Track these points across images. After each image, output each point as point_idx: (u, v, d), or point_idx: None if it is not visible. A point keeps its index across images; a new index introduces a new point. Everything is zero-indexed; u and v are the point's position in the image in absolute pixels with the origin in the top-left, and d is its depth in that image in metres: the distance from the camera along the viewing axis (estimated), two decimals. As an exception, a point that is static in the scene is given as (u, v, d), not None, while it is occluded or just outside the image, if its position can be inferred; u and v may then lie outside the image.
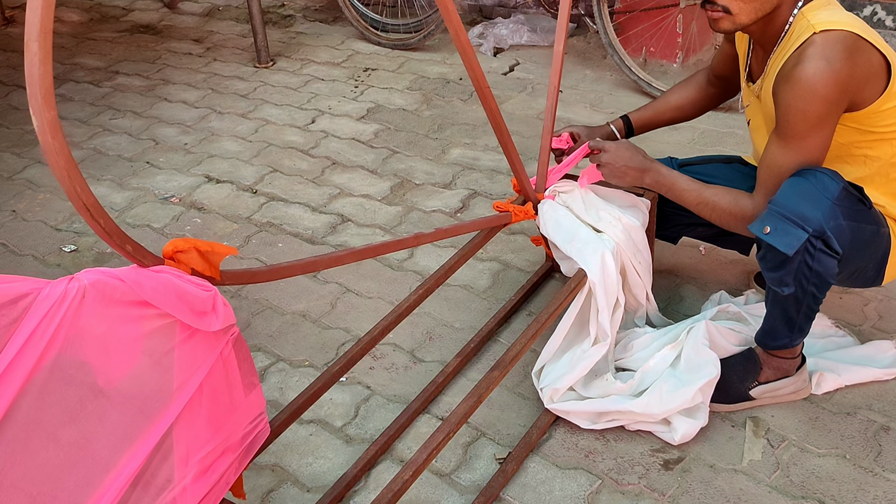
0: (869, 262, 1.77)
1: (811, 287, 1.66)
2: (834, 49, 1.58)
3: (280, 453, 1.86)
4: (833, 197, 1.60)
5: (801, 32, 1.64)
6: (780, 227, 1.61)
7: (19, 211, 2.94)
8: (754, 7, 1.66)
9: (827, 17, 1.62)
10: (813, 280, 1.65)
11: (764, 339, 1.82)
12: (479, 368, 2.07)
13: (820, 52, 1.58)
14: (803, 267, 1.63)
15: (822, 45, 1.59)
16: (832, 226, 1.60)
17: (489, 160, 3.06)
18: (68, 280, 1.08)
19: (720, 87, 2.15)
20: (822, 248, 1.61)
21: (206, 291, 1.20)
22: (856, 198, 1.68)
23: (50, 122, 0.98)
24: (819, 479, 1.72)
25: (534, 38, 4.06)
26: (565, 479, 1.76)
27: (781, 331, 1.77)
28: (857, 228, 1.66)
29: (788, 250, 1.60)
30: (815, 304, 1.71)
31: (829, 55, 1.57)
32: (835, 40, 1.58)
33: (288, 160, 3.17)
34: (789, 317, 1.73)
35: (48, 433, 1.10)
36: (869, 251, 1.74)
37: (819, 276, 1.64)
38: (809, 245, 1.60)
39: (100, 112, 3.70)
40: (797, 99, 1.61)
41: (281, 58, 4.15)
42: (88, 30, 4.77)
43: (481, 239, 2.00)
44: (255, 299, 2.38)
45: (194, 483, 1.24)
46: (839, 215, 1.61)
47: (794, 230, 1.59)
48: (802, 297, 1.69)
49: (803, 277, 1.65)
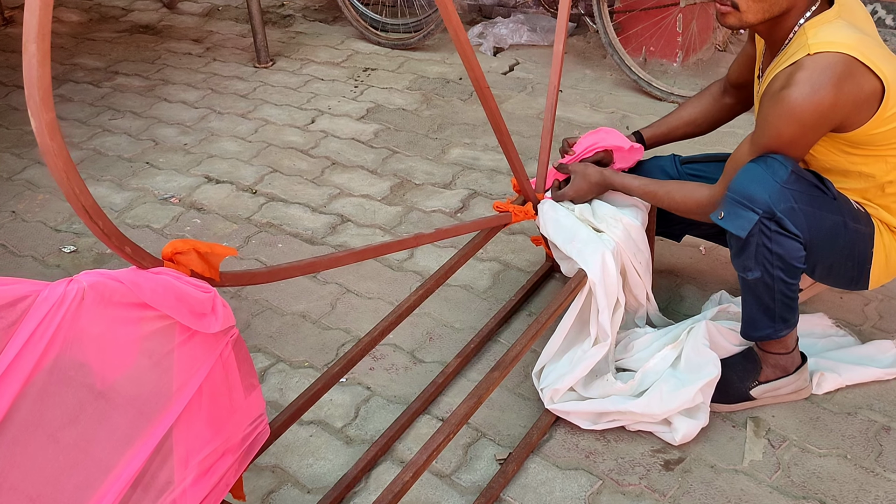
0: (844, 258, 1.77)
1: (777, 271, 1.69)
2: (822, 76, 1.57)
3: (280, 454, 1.86)
4: (782, 180, 1.64)
5: (798, 49, 1.64)
6: (732, 210, 1.68)
7: (19, 212, 2.93)
8: (762, 7, 1.65)
9: (826, 35, 1.61)
10: (777, 263, 1.68)
11: (746, 329, 1.84)
12: (480, 369, 2.07)
13: (807, 76, 1.58)
14: (763, 250, 1.67)
15: (810, 70, 1.58)
16: (783, 208, 1.63)
17: (489, 160, 3.06)
18: (67, 282, 1.08)
19: (737, 97, 2.10)
20: (777, 230, 1.65)
21: (206, 293, 1.20)
22: (809, 183, 1.70)
23: (48, 124, 0.97)
24: (820, 480, 1.71)
25: (533, 37, 4.06)
26: (566, 479, 1.75)
27: (761, 320, 1.78)
28: (815, 214, 1.67)
29: (741, 232, 1.66)
30: (790, 291, 1.72)
31: (815, 81, 1.57)
32: (824, 66, 1.57)
33: (287, 160, 3.17)
34: (765, 305, 1.75)
35: (48, 435, 1.09)
36: (839, 244, 1.74)
37: (782, 260, 1.67)
38: (763, 227, 1.65)
39: (99, 112, 3.70)
40: (775, 118, 1.64)
41: (280, 58, 4.15)
42: (88, 30, 4.77)
43: (481, 239, 2.00)
44: (254, 300, 2.38)
45: (194, 485, 1.24)
46: (790, 198, 1.64)
47: (744, 213, 1.65)
48: (772, 283, 1.71)
49: (765, 261, 1.68)
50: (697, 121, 2.15)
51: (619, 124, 3.26)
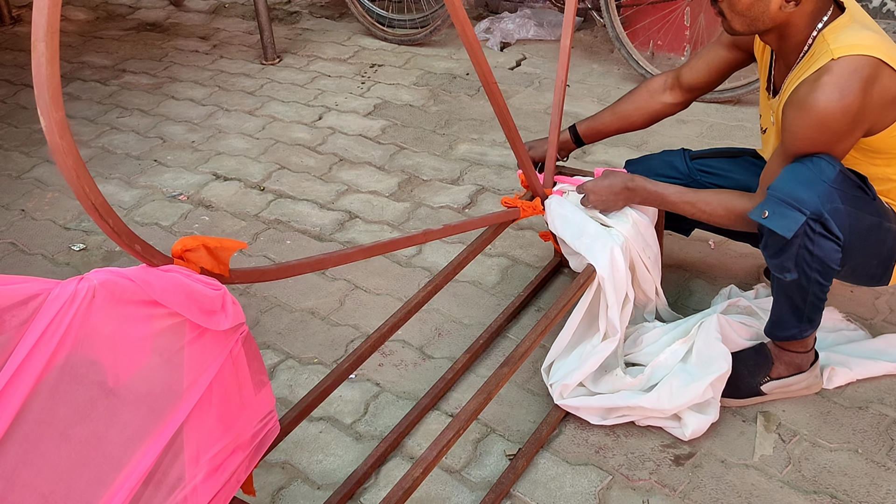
0: (872, 257, 1.76)
1: (814, 274, 1.66)
2: (849, 80, 1.55)
3: (290, 451, 1.86)
4: (830, 180, 1.61)
5: (820, 56, 1.61)
6: (777, 210, 1.62)
7: (28, 210, 2.94)
8: (743, 21, 1.66)
9: (847, 39, 1.59)
10: (815, 266, 1.65)
11: (773, 329, 1.82)
12: (489, 365, 2.07)
13: (834, 81, 1.56)
14: (804, 252, 1.63)
15: (837, 75, 1.56)
16: (829, 209, 1.60)
17: (497, 155, 3.05)
18: (78, 280, 1.08)
19: (682, 98, 2.07)
20: (821, 232, 1.61)
21: (216, 290, 1.20)
22: (854, 183, 1.68)
23: (58, 122, 0.98)
24: (831, 474, 1.71)
25: (540, 32, 4.05)
26: (576, 475, 1.75)
27: (789, 321, 1.76)
28: (856, 215, 1.66)
29: (787, 233, 1.61)
30: (822, 293, 1.71)
31: (843, 86, 1.55)
32: (851, 70, 1.55)
33: (295, 157, 3.17)
34: (796, 306, 1.73)
35: (60, 432, 1.10)
36: (871, 244, 1.73)
37: (821, 262, 1.64)
38: (808, 228, 1.61)
39: (107, 110, 3.70)
40: (806, 129, 1.61)
41: (287, 54, 4.15)
42: (95, 28, 4.78)
43: (490, 235, 1.99)
44: (263, 297, 2.38)
45: (205, 481, 1.24)
46: (836, 199, 1.61)
47: (791, 213, 1.61)
48: (807, 285, 1.68)
49: (805, 263, 1.65)
50: (632, 117, 2.13)
51: (627, 119, 3.24)
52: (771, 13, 1.63)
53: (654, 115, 2.12)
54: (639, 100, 2.12)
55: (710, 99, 3.26)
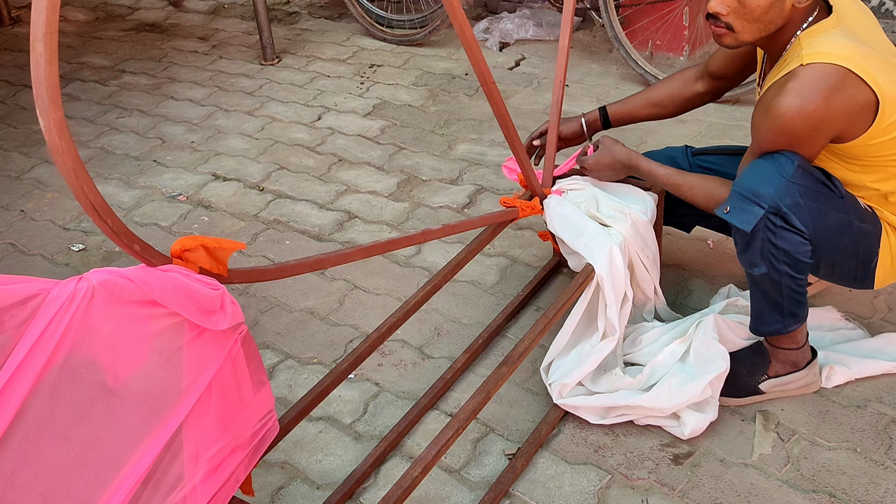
0: (849, 256, 1.76)
1: (783, 266, 1.68)
2: (813, 87, 1.56)
3: (289, 451, 1.86)
4: (788, 175, 1.63)
5: (792, 60, 1.62)
6: (738, 205, 1.67)
7: (28, 210, 2.95)
8: (757, 27, 1.65)
9: (820, 45, 1.59)
10: (783, 259, 1.67)
11: (755, 325, 1.83)
12: (488, 364, 2.07)
13: (798, 87, 1.57)
14: (768, 245, 1.66)
15: (801, 81, 1.57)
16: (788, 203, 1.62)
17: (496, 155, 3.05)
18: (77, 280, 1.08)
19: (713, 87, 2.09)
20: (782, 225, 1.64)
21: (215, 290, 1.21)
22: (816, 179, 1.69)
23: (57, 123, 0.98)
24: (830, 473, 1.71)
25: (539, 32, 4.05)
26: (575, 474, 1.75)
27: (770, 315, 1.77)
28: (820, 210, 1.66)
29: (746, 227, 1.65)
30: (797, 286, 1.72)
31: (806, 93, 1.56)
32: (816, 77, 1.56)
33: (294, 157, 3.17)
34: (773, 300, 1.74)
35: (59, 432, 1.10)
36: (844, 242, 1.73)
37: (788, 255, 1.66)
38: (768, 221, 1.64)
39: (106, 111, 3.71)
40: (768, 131, 1.64)
41: (286, 55, 4.15)
42: (94, 29, 4.78)
43: (488, 234, 2.00)
44: (262, 297, 2.39)
45: (204, 481, 1.24)
46: (795, 193, 1.63)
47: (750, 207, 1.65)
48: (779, 278, 1.70)
49: (771, 256, 1.67)
50: (664, 103, 2.14)
51: (626, 118, 3.25)
52: (785, 13, 1.63)
53: (686, 102, 2.13)
54: (673, 87, 2.13)
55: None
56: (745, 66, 2.00)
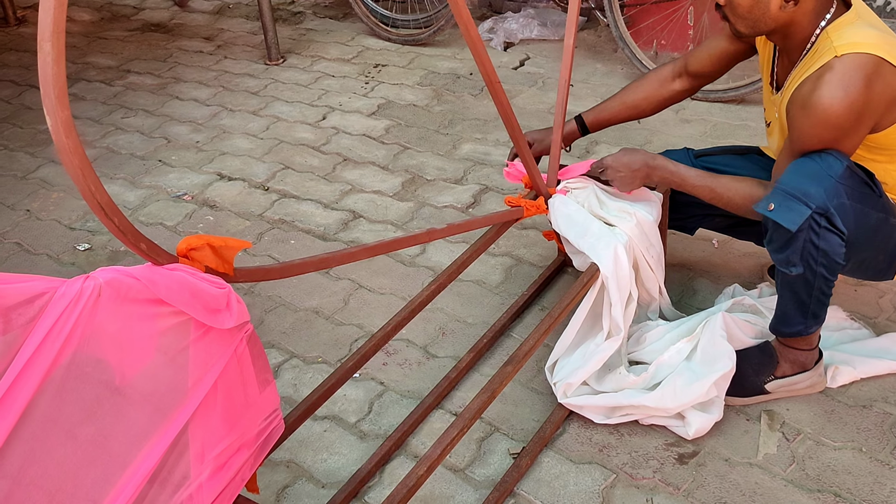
0: (878, 252, 1.76)
1: (820, 268, 1.67)
2: (852, 77, 1.56)
3: (295, 449, 1.86)
4: (836, 175, 1.62)
5: (824, 53, 1.62)
6: (784, 203, 1.63)
7: (33, 210, 2.96)
8: (746, 23, 1.70)
9: (851, 37, 1.60)
10: (821, 260, 1.66)
11: (778, 325, 1.82)
12: (493, 363, 2.07)
13: (838, 79, 1.57)
14: (809, 245, 1.64)
15: (840, 72, 1.57)
16: (835, 204, 1.61)
17: (500, 155, 3.05)
18: (84, 279, 1.08)
19: (692, 85, 2.09)
20: (826, 226, 1.62)
21: (220, 289, 1.21)
22: (861, 180, 1.68)
23: (64, 122, 0.98)
24: (835, 473, 1.71)
25: (544, 32, 4.05)
26: (579, 473, 1.75)
27: (794, 317, 1.76)
28: (862, 211, 1.66)
29: (792, 226, 1.62)
30: (827, 288, 1.71)
31: (847, 83, 1.56)
32: (854, 67, 1.56)
33: (299, 157, 3.18)
34: (801, 300, 1.73)
35: (66, 431, 1.10)
36: (877, 239, 1.73)
37: (826, 256, 1.65)
38: (813, 222, 1.62)
39: (112, 111, 3.71)
40: (812, 126, 1.62)
41: (291, 55, 4.16)
42: (100, 29, 4.79)
43: (493, 234, 2.00)
44: (268, 296, 2.39)
45: (210, 480, 1.25)
46: (842, 194, 1.62)
47: (797, 206, 1.62)
48: (813, 280, 1.69)
49: (810, 257, 1.65)
50: (640, 105, 2.14)
51: (631, 118, 3.25)
52: (772, 14, 1.65)
53: (663, 102, 2.14)
54: (648, 88, 2.13)
55: (713, 98, 3.26)
56: (728, 63, 2.02)
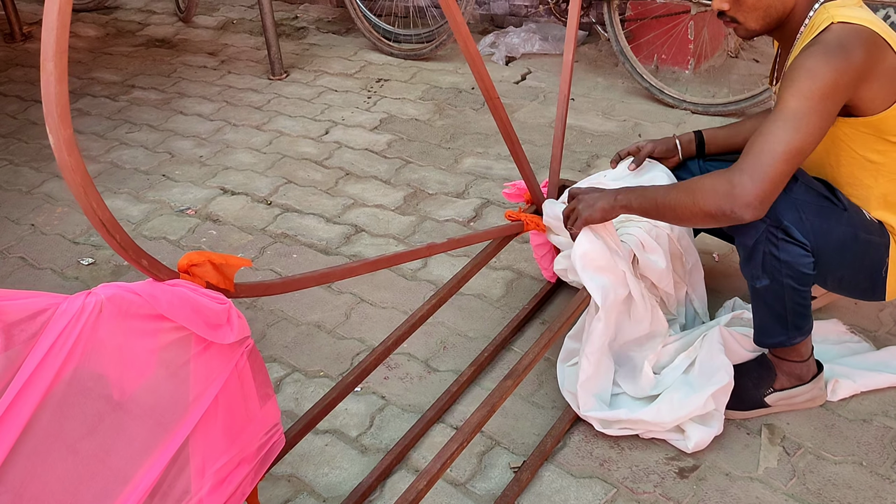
0: (856, 272, 1.76)
1: (787, 279, 1.68)
2: (850, 37, 1.57)
3: (296, 464, 1.87)
4: (789, 191, 1.64)
5: (821, 23, 1.63)
6: None
7: (38, 224, 2.97)
8: (759, 14, 1.69)
9: (849, 12, 1.62)
10: (786, 271, 1.67)
11: (759, 337, 1.83)
12: (494, 377, 2.08)
13: (835, 37, 1.58)
14: (770, 258, 1.67)
15: (838, 32, 1.58)
16: (790, 218, 1.64)
17: (502, 169, 3.07)
18: (86, 295, 1.10)
19: None
20: (784, 238, 1.65)
21: (221, 304, 1.22)
22: (819, 194, 1.70)
23: (66, 140, 1.00)
24: (836, 487, 1.71)
25: (545, 46, 4.07)
26: (580, 487, 1.76)
27: (773, 328, 1.77)
28: (823, 227, 1.67)
29: (748, 240, 1.67)
30: (801, 298, 1.72)
31: (845, 41, 1.57)
32: (851, 30, 1.58)
33: (302, 171, 3.19)
34: (777, 312, 1.75)
35: (67, 445, 1.11)
36: (849, 255, 1.72)
37: (791, 267, 1.67)
38: (770, 234, 1.65)
39: (116, 126, 3.74)
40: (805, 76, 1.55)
41: (294, 69, 4.18)
42: (105, 44, 4.83)
43: (494, 248, 2.01)
44: (270, 310, 2.40)
45: (210, 494, 1.25)
46: (796, 208, 1.64)
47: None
48: (781, 291, 1.70)
49: (774, 269, 1.68)
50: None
51: (632, 132, 3.26)
52: None
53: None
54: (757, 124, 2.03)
55: (713, 112, 3.28)
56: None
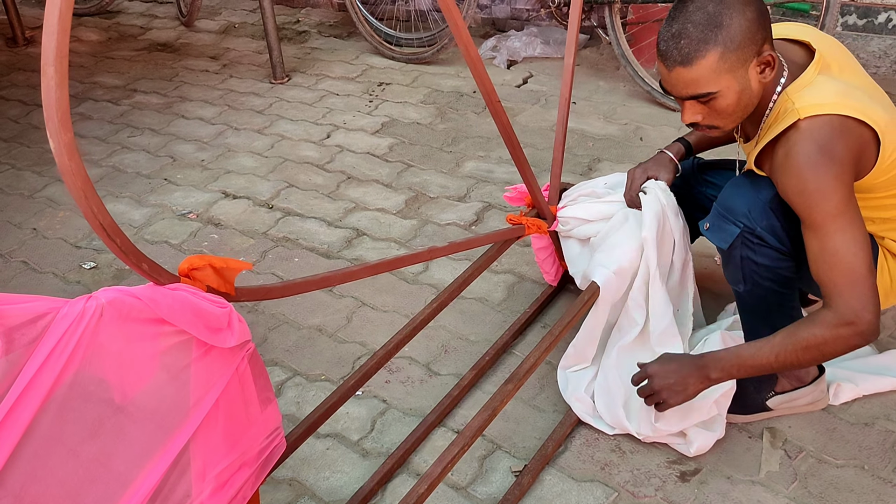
0: None
1: (767, 282, 1.69)
2: (825, 137, 1.49)
3: (297, 468, 1.87)
4: (766, 199, 1.64)
5: (786, 115, 1.55)
6: (717, 223, 1.71)
7: (40, 229, 2.98)
8: (736, 117, 1.59)
9: (811, 98, 1.53)
10: (765, 274, 1.68)
11: (749, 339, 1.82)
12: (495, 381, 2.07)
13: (808, 136, 1.50)
14: (748, 262, 1.68)
15: (808, 131, 1.50)
16: (764, 224, 1.64)
17: (503, 172, 3.07)
18: (86, 299, 1.10)
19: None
20: (759, 242, 1.65)
21: (222, 308, 1.22)
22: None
23: (67, 145, 1.00)
24: (837, 490, 1.70)
25: (547, 50, 4.08)
26: (582, 491, 1.75)
27: (762, 330, 1.72)
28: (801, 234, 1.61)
29: (723, 244, 1.69)
30: (787, 301, 1.72)
31: (824, 144, 1.49)
32: (824, 128, 1.50)
33: (303, 175, 3.20)
34: (762, 315, 1.75)
35: (68, 449, 1.11)
36: None
37: (770, 270, 1.67)
38: (745, 239, 1.66)
39: (118, 130, 3.74)
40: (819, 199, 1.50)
41: (296, 73, 4.19)
42: (107, 48, 4.84)
43: (495, 251, 2.01)
44: (271, 314, 2.40)
45: (211, 498, 1.25)
46: (772, 217, 1.64)
47: (727, 226, 1.68)
48: (764, 294, 1.71)
49: (753, 273, 1.69)
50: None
51: (633, 135, 3.26)
52: (755, 93, 1.57)
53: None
54: None
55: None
56: None
